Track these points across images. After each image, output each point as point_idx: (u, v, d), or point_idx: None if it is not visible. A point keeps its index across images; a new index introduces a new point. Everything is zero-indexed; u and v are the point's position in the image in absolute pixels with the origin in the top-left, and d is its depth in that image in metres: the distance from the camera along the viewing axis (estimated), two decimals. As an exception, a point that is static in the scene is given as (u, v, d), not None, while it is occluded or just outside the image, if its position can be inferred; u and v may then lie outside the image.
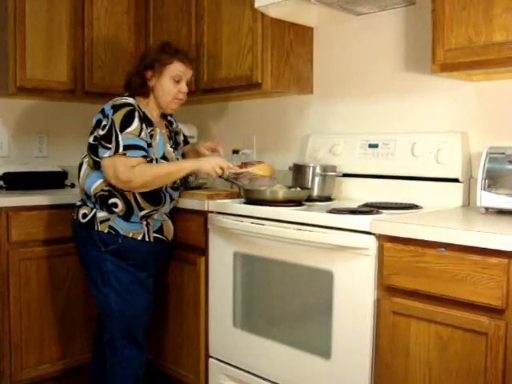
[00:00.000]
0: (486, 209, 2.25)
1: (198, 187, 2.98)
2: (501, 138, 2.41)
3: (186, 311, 2.85)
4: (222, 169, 2.52)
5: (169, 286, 2.92)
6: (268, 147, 3.36)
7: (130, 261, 2.57)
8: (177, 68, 2.61)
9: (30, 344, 2.97)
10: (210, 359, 2.75)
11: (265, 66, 2.92)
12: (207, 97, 3.36)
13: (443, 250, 1.86)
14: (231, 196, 2.79)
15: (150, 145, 2.51)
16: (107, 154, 2.43)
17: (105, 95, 2.86)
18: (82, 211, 2.61)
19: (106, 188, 2.52)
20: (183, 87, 2.64)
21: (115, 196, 2.52)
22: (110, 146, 2.43)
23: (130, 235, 2.55)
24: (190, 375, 2.84)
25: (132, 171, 2.41)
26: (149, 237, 2.61)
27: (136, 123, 2.46)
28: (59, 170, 3.46)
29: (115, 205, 2.52)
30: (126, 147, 2.41)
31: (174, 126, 2.85)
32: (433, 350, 1.91)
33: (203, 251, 2.74)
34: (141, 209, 2.54)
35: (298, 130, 3.25)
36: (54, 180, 3.41)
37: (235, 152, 3.25)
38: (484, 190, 2.22)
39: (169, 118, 2.83)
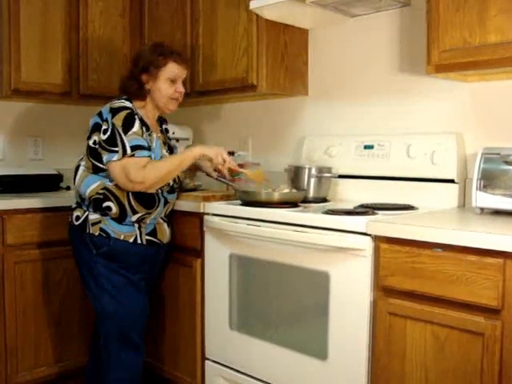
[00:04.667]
0: (482, 209, 2.26)
1: (194, 189, 2.98)
2: (496, 139, 2.41)
3: (182, 313, 2.84)
4: (224, 160, 2.57)
5: (165, 288, 2.92)
6: (263, 149, 3.36)
7: (121, 263, 2.55)
8: (172, 69, 2.61)
9: (26, 347, 2.96)
10: (207, 361, 2.75)
11: (260, 68, 2.92)
12: (202, 99, 3.36)
13: (439, 250, 1.86)
14: (227, 198, 2.78)
15: (149, 147, 2.52)
16: (115, 157, 2.42)
17: (100, 98, 2.87)
18: (75, 214, 2.62)
19: (101, 191, 2.51)
20: (179, 87, 2.65)
21: (109, 199, 2.51)
22: (116, 149, 2.42)
23: (122, 237, 2.54)
24: (186, 377, 2.84)
25: (144, 171, 2.42)
26: (141, 239, 2.59)
27: (137, 125, 2.47)
28: (54, 172, 3.45)
29: (109, 208, 2.51)
30: (134, 148, 2.42)
31: (170, 134, 2.89)
32: (429, 350, 1.91)
33: (199, 253, 2.74)
34: (134, 212, 2.53)
35: (294, 132, 3.25)
36: (49, 183, 3.39)
37: (231, 154, 3.24)
38: (479, 190, 2.23)
39: (164, 126, 2.83)
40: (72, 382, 3.09)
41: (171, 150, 2.77)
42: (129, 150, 2.41)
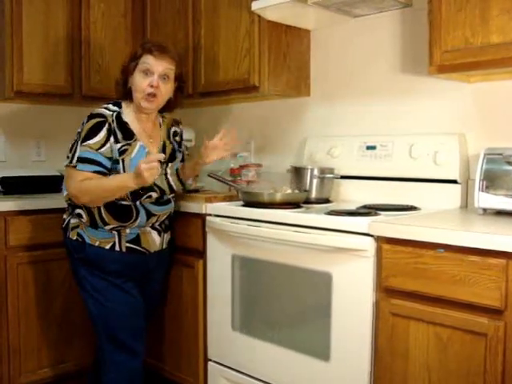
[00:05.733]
0: (484, 210, 2.25)
1: (196, 190, 2.98)
2: (498, 139, 2.41)
3: (184, 314, 2.84)
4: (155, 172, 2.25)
5: (167, 289, 2.91)
6: (266, 150, 3.36)
7: (99, 269, 2.49)
8: (145, 60, 2.47)
9: (29, 348, 2.97)
10: (209, 362, 2.74)
11: (262, 68, 2.92)
12: (205, 100, 3.36)
13: (442, 251, 1.86)
14: (229, 199, 2.78)
15: (116, 160, 2.41)
16: (65, 163, 2.43)
17: (102, 99, 2.85)
18: (63, 216, 2.61)
19: None
20: (153, 81, 2.46)
21: (79, 207, 2.47)
22: (69, 155, 2.43)
23: (97, 244, 2.47)
24: (189, 378, 2.84)
25: (79, 187, 2.36)
26: (120, 246, 2.50)
27: (100, 136, 2.39)
28: (57, 174, 3.44)
29: (80, 215, 2.48)
30: (80, 159, 2.37)
31: (178, 138, 2.75)
32: (432, 351, 1.91)
33: (201, 254, 2.74)
34: (105, 223, 2.46)
35: (296, 133, 3.25)
36: (52, 184, 3.39)
37: (233, 155, 3.25)
38: (482, 191, 2.23)
39: (174, 128, 2.72)
40: (75, 383, 3.09)
41: (173, 157, 2.67)
42: (74, 160, 2.38)
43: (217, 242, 2.65)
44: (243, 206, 2.59)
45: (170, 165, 2.64)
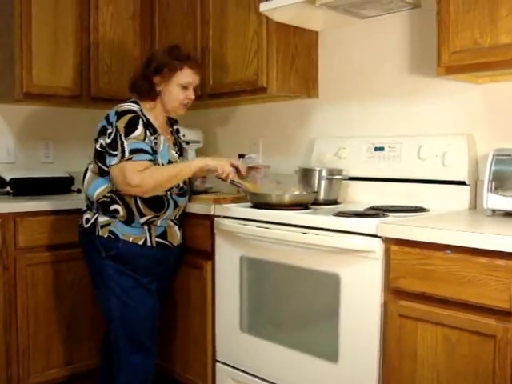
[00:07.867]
0: (493, 211, 2.24)
1: (205, 191, 2.99)
2: (507, 140, 2.40)
3: (192, 315, 2.85)
4: (227, 172, 2.54)
5: (176, 290, 2.92)
6: (274, 151, 3.36)
7: (131, 266, 2.54)
8: (186, 75, 2.61)
9: (38, 349, 2.98)
10: (217, 363, 2.75)
11: (270, 70, 2.92)
12: (213, 101, 3.37)
13: (450, 252, 1.85)
14: (237, 200, 2.78)
15: (155, 151, 2.51)
16: (114, 161, 2.43)
17: (111, 100, 2.87)
18: (85, 216, 2.62)
19: (108, 194, 2.51)
20: (191, 94, 2.65)
21: (116, 202, 2.50)
22: (116, 152, 2.42)
23: (131, 240, 2.53)
24: (197, 380, 2.84)
25: (141, 175, 2.39)
26: (151, 242, 2.57)
27: (140, 129, 2.46)
28: (65, 175, 3.47)
29: (117, 211, 2.51)
30: (132, 151, 2.40)
31: (181, 135, 2.88)
32: (440, 353, 1.91)
33: (210, 255, 2.74)
34: (142, 215, 2.52)
35: (304, 134, 3.25)
36: (61, 185, 3.41)
37: (241, 156, 3.25)
38: (491, 192, 2.22)
39: (175, 126, 2.84)
40: (83, 383, 3.10)
41: (181, 152, 2.77)
42: (127, 154, 2.40)
43: (225, 244, 2.65)
44: (251, 207, 2.59)
45: (183, 159, 2.77)
